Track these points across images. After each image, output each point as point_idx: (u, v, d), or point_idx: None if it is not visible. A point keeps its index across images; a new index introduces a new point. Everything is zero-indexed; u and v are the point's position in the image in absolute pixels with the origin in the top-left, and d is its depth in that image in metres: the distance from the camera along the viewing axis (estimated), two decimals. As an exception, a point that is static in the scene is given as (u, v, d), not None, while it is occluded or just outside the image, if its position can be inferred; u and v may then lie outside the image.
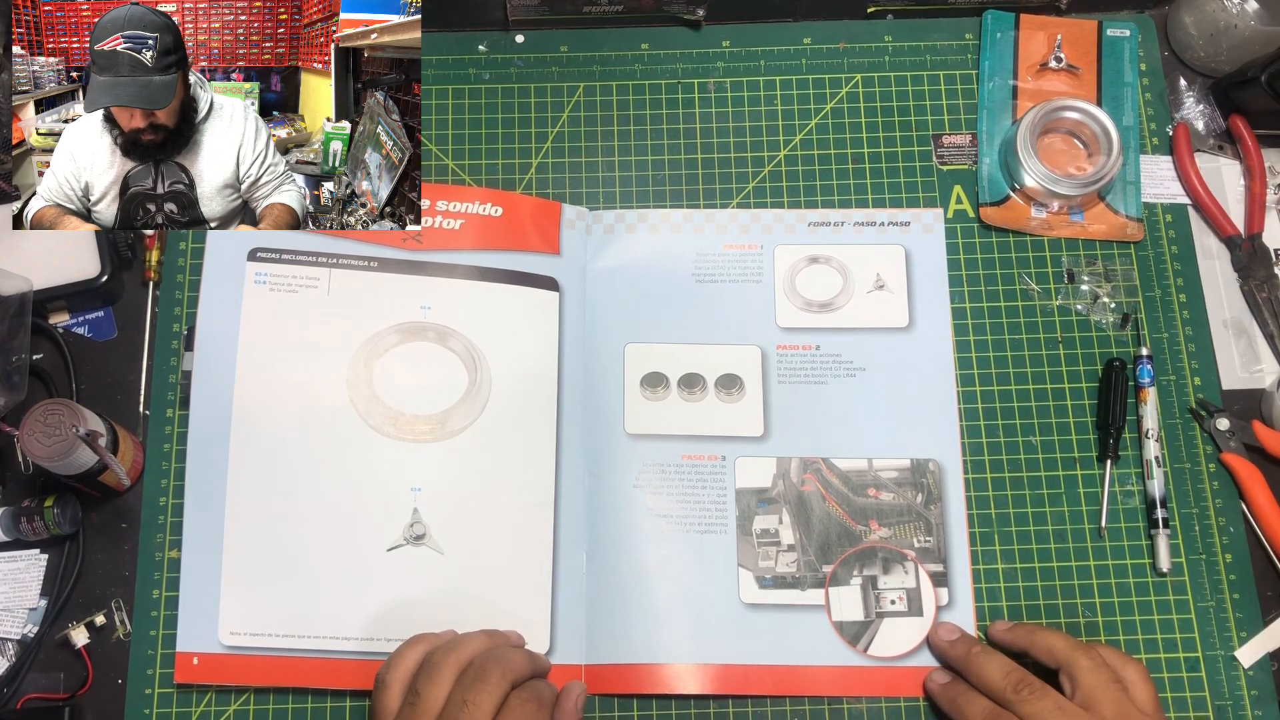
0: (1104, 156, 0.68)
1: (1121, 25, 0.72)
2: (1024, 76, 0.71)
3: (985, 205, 0.69)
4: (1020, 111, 0.70)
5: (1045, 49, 0.72)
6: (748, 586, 0.62)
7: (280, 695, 0.61)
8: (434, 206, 0.68)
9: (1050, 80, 0.71)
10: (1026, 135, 0.68)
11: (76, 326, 0.67)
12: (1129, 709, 0.52)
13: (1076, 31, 0.72)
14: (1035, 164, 0.67)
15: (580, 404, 0.65)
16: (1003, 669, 0.55)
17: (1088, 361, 0.67)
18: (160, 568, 0.63)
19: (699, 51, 0.73)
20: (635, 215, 0.69)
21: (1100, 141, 0.68)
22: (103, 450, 0.58)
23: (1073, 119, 0.69)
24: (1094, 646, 0.56)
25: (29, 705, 0.60)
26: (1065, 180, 0.67)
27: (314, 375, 0.64)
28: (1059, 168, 0.68)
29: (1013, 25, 0.72)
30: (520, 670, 0.54)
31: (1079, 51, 0.72)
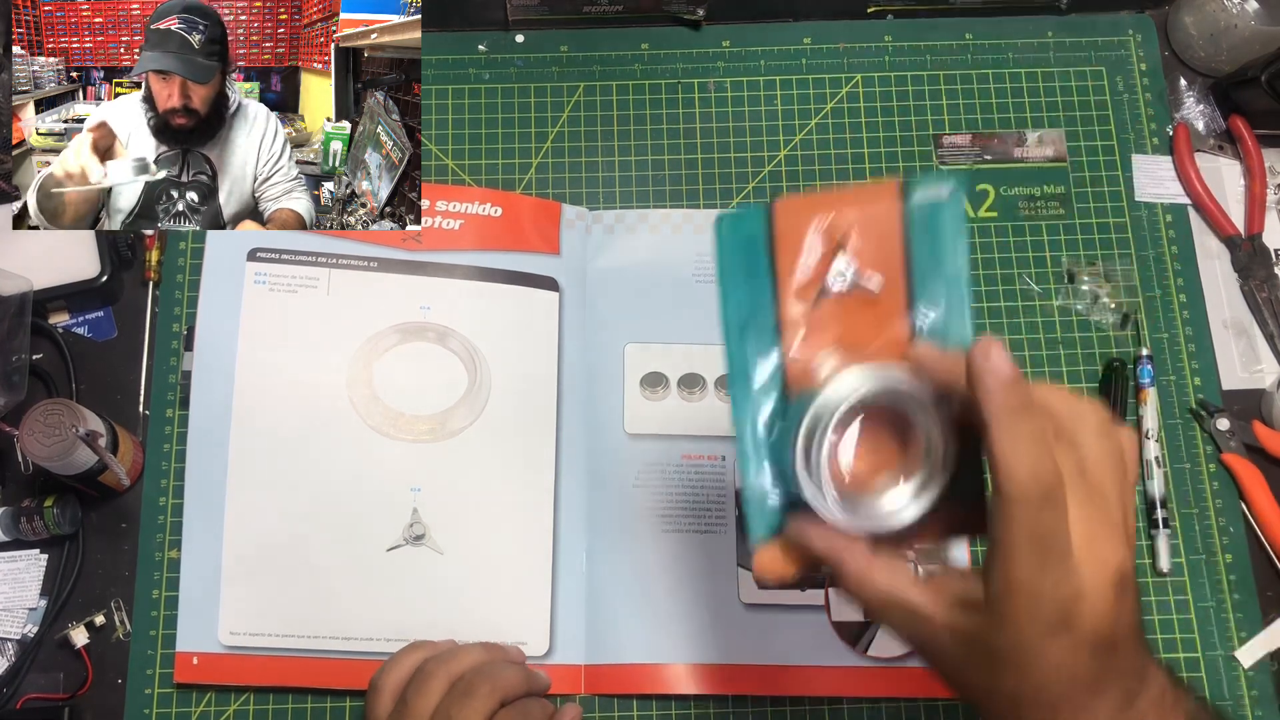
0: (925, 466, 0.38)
1: (938, 183, 0.40)
2: (790, 312, 0.40)
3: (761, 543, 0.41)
4: (792, 387, 0.40)
5: (821, 250, 0.40)
6: (748, 586, 0.62)
7: (280, 695, 0.61)
8: (434, 206, 0.68)
9: (832, 316, 0.40)
10: (817, 453, 0.38)
11: (76, 326, 0.67)
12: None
13: (863, 204, 0.40)
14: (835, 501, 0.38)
15: (580, 404, 0.65)
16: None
17: (1088, 361, 0.67)
18: (160, 568, 0.63)
19: (699, 51, 0.73)
20: (635, 215, 0.69)
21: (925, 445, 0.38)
22: (103, 450, 0.58)
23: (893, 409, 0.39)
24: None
25: (29, 705, 0.60)
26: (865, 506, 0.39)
27: (314, 375, 0.64)
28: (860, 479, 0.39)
29: (763, 223, 0.40)
30: (511, 688, 0.54)
31: (877, 235, 0.40)
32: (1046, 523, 0.34)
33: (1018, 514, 0.34)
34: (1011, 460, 0.34)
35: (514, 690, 0.54)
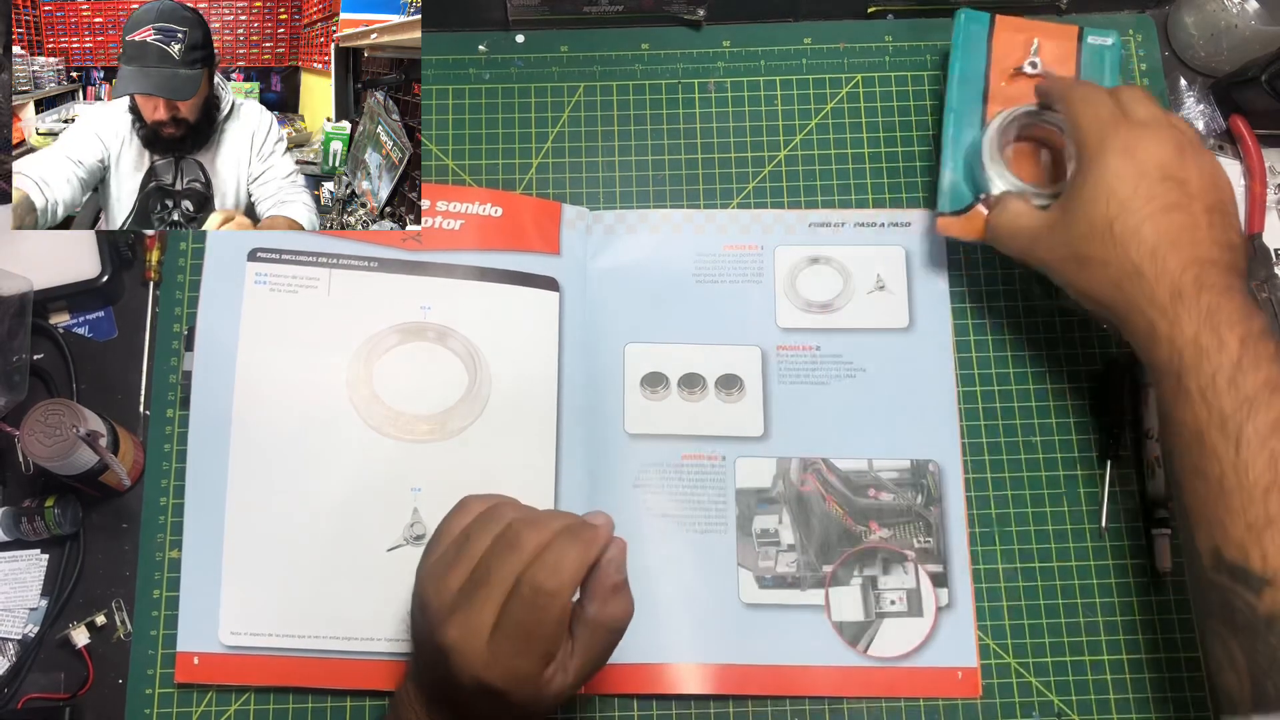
0: (1074, 165, 0.60)
1: (1104, 33, 0.68)
2: (996, 81, 0.67)
3: (944, 215, 0.64)
4: (989, 117, 0.66)
5: (1020, 54, 0.67)
6: (748, 586, 0.62)
7: (280, 695, 0.61)
8: (434, 206, 0.68)
9: (1024, 86, 0.66)
10: (994, 141, 0.63)
11: (76, 326, 0.67)
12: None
13: (1055, 36, 0.67)
14: (1002, 170, 0.62)
15: (580, 404, 0.65)
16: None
17: (1088, 361, 0.67)
18: (160, 568, 0.63)
19: (699, 51, 0.73)
20: (635, 215, 0.69)
21: (1071, 151, 0.60)
22: (103, 450, 0.58)
23: (1045, 129, 0.64)
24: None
25: (29, 705, 0.60)
26: (1034, 190, 0.61)
27: (314, 375, 0.64)
28: (1027, 178, 0.63)
29: (987, 25, 0.67)
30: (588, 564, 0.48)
31: (1057, 58, 0.67)
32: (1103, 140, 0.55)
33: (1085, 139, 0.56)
34: (1080, 110, 0.57)
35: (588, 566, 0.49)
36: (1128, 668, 0.62)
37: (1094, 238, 0.54)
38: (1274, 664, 0.46)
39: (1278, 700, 0.45)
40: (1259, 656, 0.47)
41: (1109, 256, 0.53)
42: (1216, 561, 0.49)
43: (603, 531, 0.49)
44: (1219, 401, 0.49)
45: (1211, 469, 0.49)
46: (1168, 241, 0.52)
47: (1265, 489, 0.47)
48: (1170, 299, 0.51)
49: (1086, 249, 0.55)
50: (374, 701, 0.61)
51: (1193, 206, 0.53)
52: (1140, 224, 0.53)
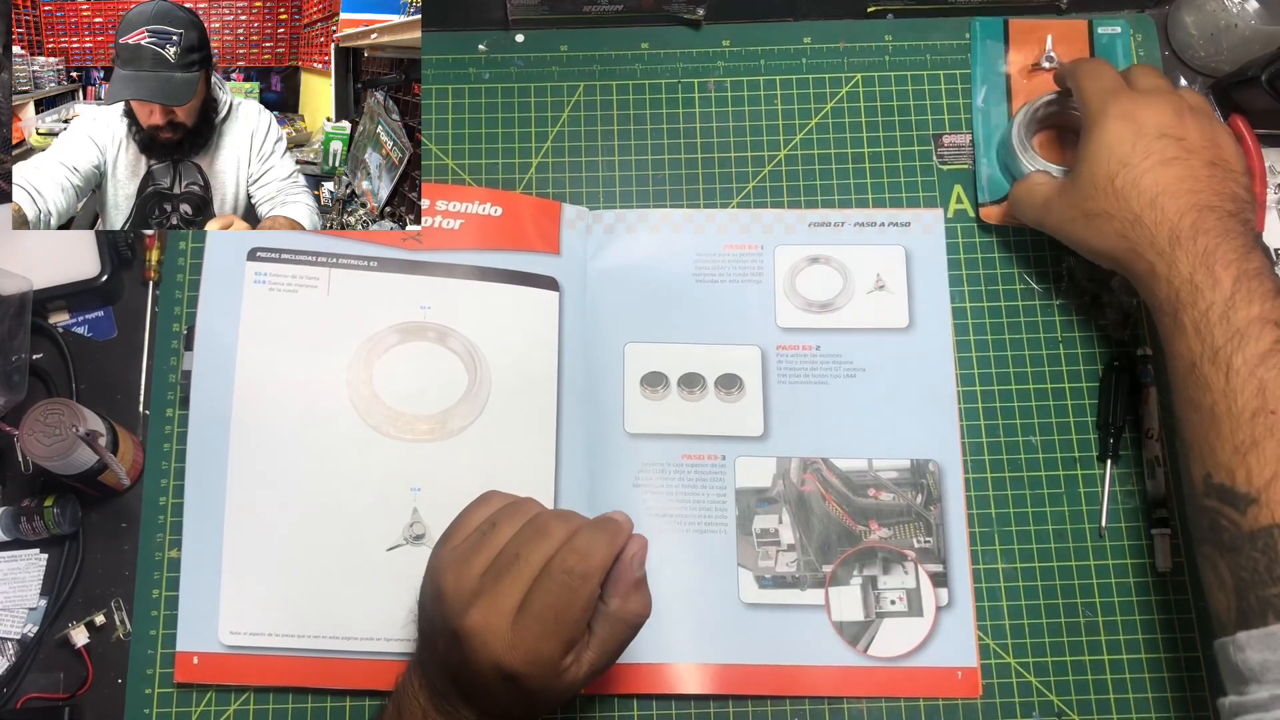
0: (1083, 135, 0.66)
1: (1112, 23, 0.72)
2: (1017, 80, 0.71)
3: (985, 205, 0.69)
4: (1014, 112, 0.70)
5: (1037, 51, 0.72)
6: (748, 586, 0.62)
7: (280, 695, 0.61)
8: (434, 206, 0.68)
9: (1043, 81, 0.71)
10: (1021, 130, 0.67)
11: (76, 326, 0.67)
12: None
13: (1067, 31, 0.72)
14: (1032, 156, 0.67)
15: (580, 403, 0.65)
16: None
17: (1088, 361, 0.67)
18: (160, 567, 0.63)
19: (699, 51, 0.73)
20: (635, 215, 0.69)
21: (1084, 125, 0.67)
22: (103, 450, 0.58)
23: (1067, 113, 0.68)
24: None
25: (29, 705, 0.60)
26: (1061, 170, 0.65)
27: (314, 375, 0.64)
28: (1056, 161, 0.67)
29: (1001, 30, 0.72)
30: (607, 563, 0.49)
31: (1071, 51, 0.72)
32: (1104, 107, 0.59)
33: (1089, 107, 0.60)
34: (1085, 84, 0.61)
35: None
36: (1128, 668, 0.62)
37: (1098, 194, 0.58)
38: (1256, 577, 0.48)
39: (1260, 612, 0.47)
40: (1243, 571, 0.48)
41: (1113, 209, 0.57)
42: (1207, 486, 0.51)
43: (625, 526, 0.51)
44: (1211, 335, 0.52)
45: (1204, 399, 0.52)
46: (1166, 191, 0.55)
47: (1252, 414, 0.50)
48: (1169, 243, 0.55)
49: (1093, 205, 0.58)
50: (373, 701, 0.61)
51: (1191, 160, 0.56)
52: (1139, 177, 0.56)
